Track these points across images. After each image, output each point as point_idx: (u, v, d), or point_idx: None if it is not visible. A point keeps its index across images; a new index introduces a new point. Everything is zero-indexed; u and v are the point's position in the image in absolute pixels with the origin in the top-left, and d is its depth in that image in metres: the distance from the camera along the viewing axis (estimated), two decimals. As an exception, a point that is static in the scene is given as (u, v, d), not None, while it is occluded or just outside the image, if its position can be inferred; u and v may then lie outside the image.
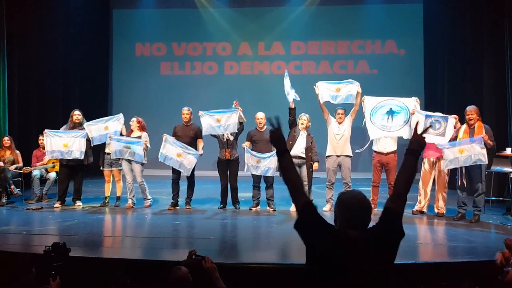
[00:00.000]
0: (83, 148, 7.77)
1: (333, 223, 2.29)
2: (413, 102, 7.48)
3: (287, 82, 7.80)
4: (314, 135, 7.82)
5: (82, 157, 7.78)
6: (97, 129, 7.94)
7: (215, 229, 6.44)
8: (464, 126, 6.95)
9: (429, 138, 6.94)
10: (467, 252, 5.15)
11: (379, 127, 7.50)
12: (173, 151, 7.59)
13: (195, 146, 7.82)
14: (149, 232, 6.35)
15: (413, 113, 7.32)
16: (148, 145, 7.94)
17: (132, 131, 8.08)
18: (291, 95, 7.73)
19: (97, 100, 12.40)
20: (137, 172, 7.89)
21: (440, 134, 7.09)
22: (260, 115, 7.84)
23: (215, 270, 3.15)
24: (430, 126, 7.03)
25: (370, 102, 7.59)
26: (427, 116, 7.20)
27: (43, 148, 8.69)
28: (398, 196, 2.29)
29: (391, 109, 7.51)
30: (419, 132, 2.41)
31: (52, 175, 8.50)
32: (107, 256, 4.94)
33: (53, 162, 8.60)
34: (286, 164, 2.35)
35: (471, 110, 6.89)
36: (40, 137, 8.68)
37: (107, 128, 7.91)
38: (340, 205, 2.31)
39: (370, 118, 7.54)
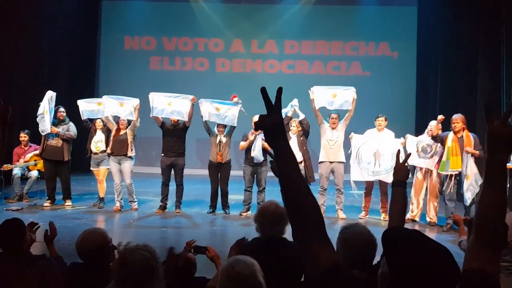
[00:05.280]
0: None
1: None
2: (398, 143, 7.28)
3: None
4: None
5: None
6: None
7: (204, 237, 6.19)
8: (452, 134, 6.83)
9: (420, 162, 7.14)
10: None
11: (364, 170, 7.40)
12: (163, 101, 7.58)
13: (183, 143, 7.76)
14: (135, 239, 6.11)
15: (407, 139, 7.39)
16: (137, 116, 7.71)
17: (119, 129, 7.82)
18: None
19: (83, 94, 12.01)
20: (126, 173, 7.67)
21: (429, 157, 7.15)
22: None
23: (218, 258, 3.16)
24: (422, 150, 7.18)
25: (358, 140, 7.51)
26: (418, 142, 7.22)
27: (25, 145, 8.38)
28: None
29: (378, 150, 7.36)
30: (401, 161, 2.28)
31: (34, 173, 8.20)
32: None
33: (34, 160, 8.29)
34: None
35: (456, 118, 6.81)
36: (21, 134, 8.34)
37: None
38: (343, 243, 2.16)
39: (356, 156, 7.45)
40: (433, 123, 7.36)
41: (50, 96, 7.69)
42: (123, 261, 2.22)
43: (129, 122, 7.77)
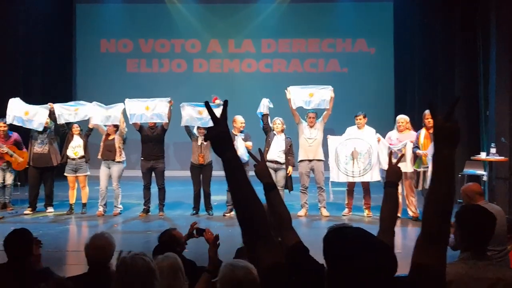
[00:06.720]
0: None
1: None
2: (375, 140, 7.39)
3: (263, 105, 7.61)
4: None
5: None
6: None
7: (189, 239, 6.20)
8: (424, 131, 6.89)
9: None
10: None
11: (343, 171, 7.43)
12: (140, 106, 7.50)
13: (162, 146, 7.77)
14: (119, 244, 6.04)
15: (379, 140, 7.38)
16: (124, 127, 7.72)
17: (109, 134, 7.77)
18: (265, 106, 7.57)
19: (59, 97, 11.83)
20: (115, 176, 7.64)
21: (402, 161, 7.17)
22: (241, 119, 7.60)
23: (216, 239, 3.27)
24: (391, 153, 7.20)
25: (334, 141, 7.53)
26: (389, 148, 7.24)
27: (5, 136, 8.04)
28: (385, 231, 2.15)
29: (355, 149, 7.40)
30: (394, 162, 2.31)
31: (10, 180, 7.90)
32: (71, 275, 4.61)
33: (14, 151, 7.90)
34: (273, 198, 2.13)
35: (430, 114, 6.80)
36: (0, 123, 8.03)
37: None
38: None
39: (335, 158, 7.46)
40: (400, 118, 7.45)
41: (11, 105, 7.58)
42: (124, 266, 2.24)
43: (115, 126, 7.69)
